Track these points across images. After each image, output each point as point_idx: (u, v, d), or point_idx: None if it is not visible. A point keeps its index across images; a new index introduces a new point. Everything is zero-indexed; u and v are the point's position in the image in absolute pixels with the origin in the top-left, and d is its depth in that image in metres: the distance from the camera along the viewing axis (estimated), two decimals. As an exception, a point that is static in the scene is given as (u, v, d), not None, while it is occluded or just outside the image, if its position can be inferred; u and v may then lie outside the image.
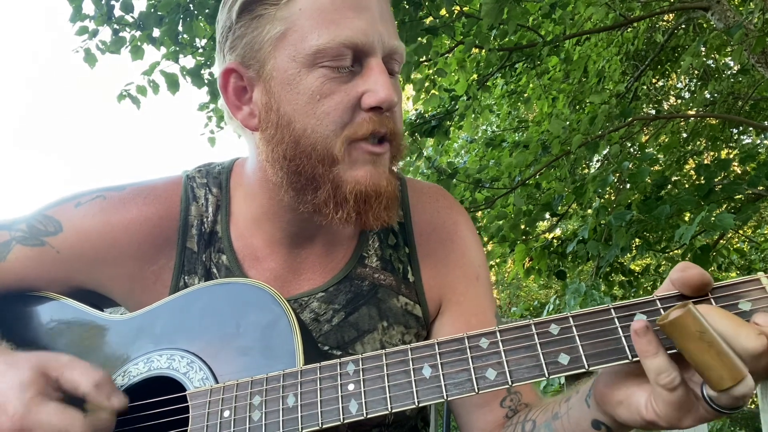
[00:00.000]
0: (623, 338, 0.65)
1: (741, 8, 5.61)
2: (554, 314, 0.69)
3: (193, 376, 0.83)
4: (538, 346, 0.67)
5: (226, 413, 0.76)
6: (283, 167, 0.87)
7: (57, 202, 1.01)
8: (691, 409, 0.62)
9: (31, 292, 1.01)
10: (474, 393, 0.67)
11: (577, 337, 0.66)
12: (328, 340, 0.96)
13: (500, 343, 0.68)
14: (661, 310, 0.65)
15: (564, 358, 0.66)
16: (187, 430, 0.78)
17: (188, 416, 0.79)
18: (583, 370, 0.65)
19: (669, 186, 4.49)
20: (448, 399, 0.68)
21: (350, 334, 0.96)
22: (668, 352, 0.62)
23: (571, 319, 0.67)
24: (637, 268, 6.85)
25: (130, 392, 0.86)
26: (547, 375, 0.66)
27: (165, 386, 0.84)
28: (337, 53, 0.82)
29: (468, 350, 0.69)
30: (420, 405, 0.70)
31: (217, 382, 0.81)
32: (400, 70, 0.93)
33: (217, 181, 1.04)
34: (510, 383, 0.67)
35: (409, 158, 4.96)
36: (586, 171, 6.10)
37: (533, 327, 0.68)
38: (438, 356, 0.70)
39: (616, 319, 0.66)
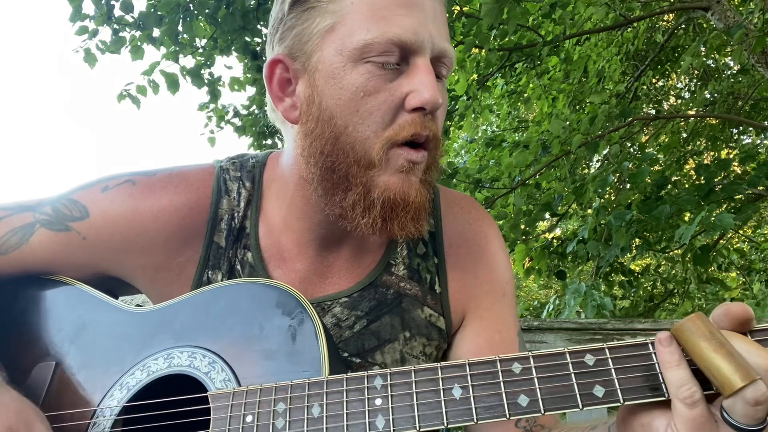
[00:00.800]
0: (660, 375, 0.63)
1: (741, 8, 5.61)
2: (589, 345, 0.67)
3: (215, 377, 0.81)
4: (573, 376, 0.65)
5: (249, 418, 0.75)
6: (318, 162, 0.85)
7: (83, 186, 0.99)
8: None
9: (48, 276, 0.99)
10: (505, 419, 0.66)
11: (613, 371, 0.64)
12: (348, 346, 0.94)
13: (533, 370, 0.67)
14: None
15: (599, 391, 0.64)
16: (207, 431, 0.77)
17: (209, 418, 0.77)
18: (618, 404, 0.64)
19: (669, 186, 4.49)
20: (478, 422, 0.66)
21: (371, 342, 0.95)
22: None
23: (607, 351, 0.66)
24: (637, 268, 6.85)
25: (150, 387, 0.85)
26: (580, 406, 0.64)
27: (186, 384, 0.83)
28: (384, 49, 0.80)
29: (500, 374, 0.68)
30: (449, 426, 0.68)
31: (239, 384, 0.79)
32: (448, 75, 0.90)
33: (250, 175, 1.02)
34: (543, 411, 0.65)
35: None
36: (586, 171, 6.10)
37: (568, 356, 0.67)
38: (469, 378, 0.69)
39: (653, 355, 0.64)
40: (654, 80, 7.03)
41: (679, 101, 7.78)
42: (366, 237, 0.96)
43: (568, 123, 4.92)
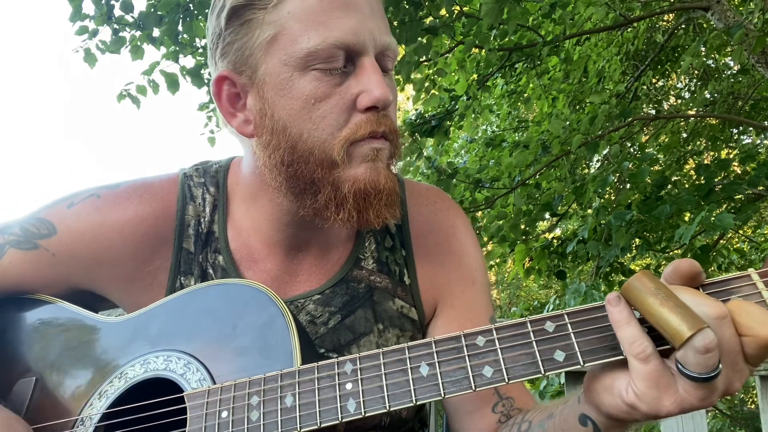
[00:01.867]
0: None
1: (741, 8, 5.61)
2: (550, 313, 0.70)
3: (190, 377, 0.83)
4: (534, 343, 0.68)
5: (224, 414, 0.76)
6: (281, 172, 0.87)
7: (50, 204, 1.00)
8: (669, 386, 0.61)
9: (25, 295, 1.00)
10: (471, 390, 0.68)
11: (572, 335, 0.67)
12: (324, 342, 0.95)
13: (496, 341, 0.69)
14: None
15: (560, 355, 0.67)
16: (185, 431, 0.78)
17: (186, 417, 0.79)
18: (578, 367, 0.66)
19: (669, 186, 4.48)
20: (446, 397, 0.69)
21: (346, 336, 0.96)
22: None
23: (566, 316, 0.68)
24: (637, 268, 6.85)
25: (127, 394, 0.86)
26: (543, 371, 0.66)
27: (162, 388, 0.84)
28: (328, 55, 0.81)
29: (465, 348, 0.70)
30: (417, 403, 0.70)
31: (214, 382, 0.80)
32: (393, 67, 0.92)
33: (214, 180, 1.03)
34: (507, 380, 0.67)
35: (408, 158, 4.96)
36: (586, 171, 6.09)
37: (529, 325, 0.69)
38: (435, 355, 0.71)
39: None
40: (654, 80, 7.02)
41: (679, 101, 7.78)
42: (333, 234, 0.98)
43: (568, 123, 4.92)
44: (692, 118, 5.96)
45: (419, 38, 4.01)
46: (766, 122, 6.12)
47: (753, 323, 0.59)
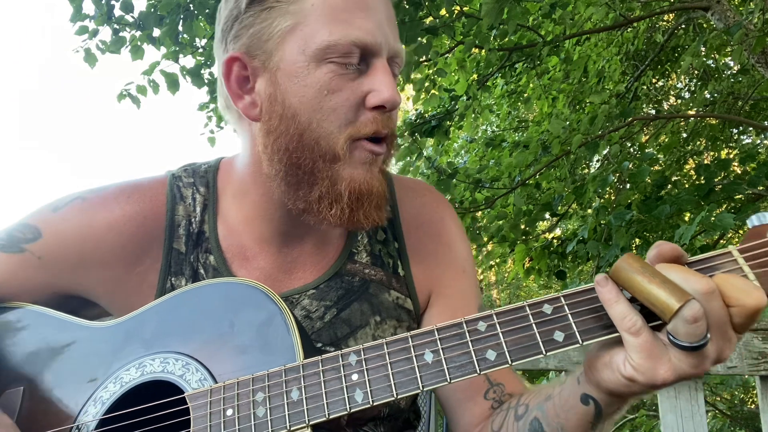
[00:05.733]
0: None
1: (741, 8, 5.61)
2: (546, 296, 0.73)
3: (190, 378, 0.82)
4: (534, 325, 0.70)
5: (229, 411, 0.76)
6: (282, 159, 0.88)
7: (35, 211, 1.00)
8: (662, 356, 0.65)
9: (10, 302, 0.98)
10: (476, 374, 0.70)
11: (569, 315, 0.70)
12: (321, 337, 0.95)
13: (497, 326, 0.71)
14: None
15: (559, 335, 0.69)
16: (189, 431, 0.77)
17: (190, 418, 0.78)
18: (578, 345, 0.69)
19: (669, 186, 4.49)
20: (452, 382, 0.70)
21: (343, 330, 0.96)
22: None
23: (563, 298, 0.71)
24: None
25: (125, 399, 0.84)
26: (544, 352, 0.69)
27: (161, 390, 0.83)
28: (346, 50, 0.84)
29: (467, 334, 0.72)
30: (425, 389, 0.71)
31: (215, 382, 0.80)
32: (399, 74, 0.94)
33: (204, 180, 1.03)
34: (510, 362, 0.69)
35: (408, 158, 4.96)
36: (586, 171, 6.09)
37: (528, 308, 0.71)
38: (438, 342, 0.72)
39: None
40: (654, 80, 7.02)
41: (679, 101, 7.78)
42: (326, 229, 0.99)
43: (568, 123, 4.92)
44: (692, 118, 5.96)
45: (419, 38, 4.01)
46: (766, 122, 6.12)
47: (739, 294, 0.64)
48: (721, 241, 5.44)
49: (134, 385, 0.85)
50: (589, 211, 4.85)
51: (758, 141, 6.91)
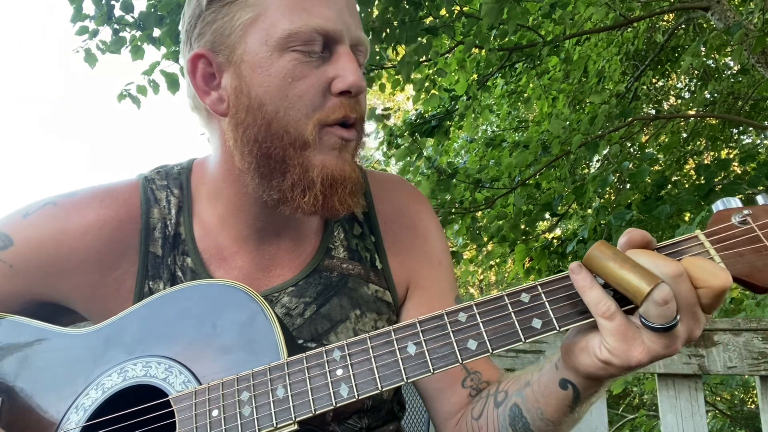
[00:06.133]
0: None
1: (741, 8, 5.61)
2: (523, 285, 0.76)
3: (173, 381, 0.81)
4: (513, 314, 0.72)
5: (215, 412, 0.75)
6: (252, 151, 0.88)
7: (4, 217, 0.98)
8: (636, 338, 0.68)
9: None
10: (458, 364, 0.72)
11: (546, 303, 0.72)
12: (302, 333, 0.96)
13: (477, 316, 0.73)
14: None
15: (537, 323, 0.72)
16: None
17: (175, 421, 0.77)
18: (555, 331, 0.71)
19: (669, 186, 4.49)
20: (434, 372, 0.72)
21: (323, 325, 0.97)
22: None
23: (539, 287, 0.73)
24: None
25: (108, 405, 0.83)
26: (523, 339, 0.71)
27: (145, 395, 0.81)
28: (308, 38, 0.85)
29: (448, 325, 0.73)
30: (408, 381, 0.72)
31: (200, 383, 0.79)
32: (364, 63, 0.95)
33: (177, 181, 1.02)
34: (491, 351, 0.72)
35: (408, 158, 4.96)
36: (586, 171, 6.10)
37: (506, 298, 0.74)
38: (420, 334, 0.74)
39: None
40: (654, 80, 7.02)
41: (679, 101, 7.78)
42: (302, 225, 1.00)
43: (568, 123, 4.92)
44: (692, 118, 5.97)
45: (419, 38, 4.01)
46: (766, 122, 6.12)
47: (706, 276, 0.66)
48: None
49: (116, 391, 0.83)
50: (589, 211, 4.85)
51: (758, 141, 6.91)
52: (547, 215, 5.12)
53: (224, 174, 0.95)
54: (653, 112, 7.31)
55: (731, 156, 6.58)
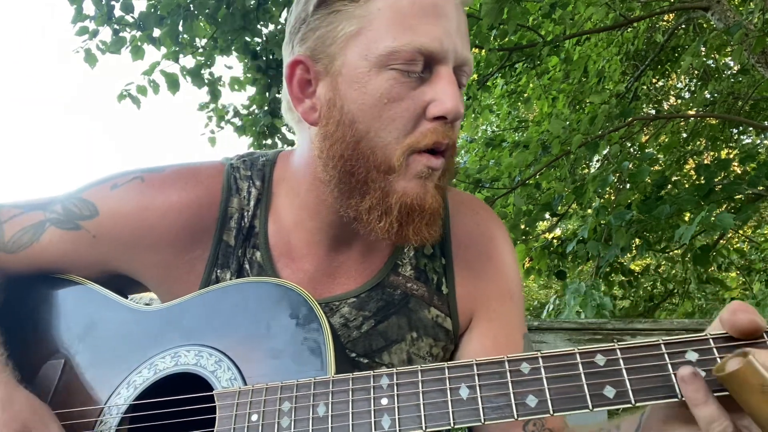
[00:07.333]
0: (673, 375, 0.62)
1: (741, 8, 5.61)
2: (600, 345, 0.67)
3: (221, 375, 0.82)
4: (583, 376, 0.64)
5: (254, 417, 0.75)
6: (336, 166, 0.85)
7: (93, 184, 0.99)
8: None
9: (58, 274, 0.99)
10: (513, 419, 0.65)
11: (624, 371, 0.64)
12: (355, 347, 0.94)
13: (542, 369, 0.66)
14: (714, 350, 0.62)
15: (609, 391, 0.63)
16: (213, 430, 0.77)
17: (215, 417, 0.77)
18: (629, 405, 0.63)
19: (669, 186, 4.49)
20: (485, 423, 0.66)
21: (378, 342, 0.94)
22: (717, 395, 0.60)
23: (618, 351, 0.65)
24: (637, 268, 6.85)
25: (156, 386, 0.85)
26: (591, 407, 0.63)
27: (191, 383, 0.83)
28: (410, 57, 0.81)
29: (508, 374, 0.67)
30: (456, 426, 0.67)
31: (245, 383, 0.79)
32: (466, 84, 0.91)
33: (260, 173, 1.01)
34: (552, 412, 0.64)
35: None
36: (586, 171, 6.10)
37: (578, 356, 0.66)
38: (476, 377, 0.68)
39: (666, 355, 0.63)
40: (654, 80, 7.03)
41: (679, 101, 7.78)
42: (375, 238, 0.95)
43: (568, 123, 4.92)
44: (692, 118, 5.97)
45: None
46: (766, 122, 6.12)
47: None
48: (721, 241, 5.44)
49: (168, 374, 0.85)
50: (589, 211, 4.85)
51: (758, 141, 6.91)
52: (547, 215, 5.12)
53: (306, 178, 0.94)
54: (653, 112, 7.31)
55: (731, 156, 6.58)
